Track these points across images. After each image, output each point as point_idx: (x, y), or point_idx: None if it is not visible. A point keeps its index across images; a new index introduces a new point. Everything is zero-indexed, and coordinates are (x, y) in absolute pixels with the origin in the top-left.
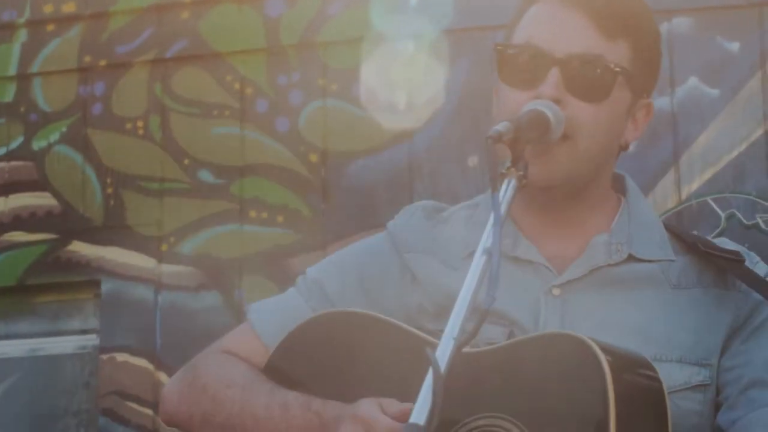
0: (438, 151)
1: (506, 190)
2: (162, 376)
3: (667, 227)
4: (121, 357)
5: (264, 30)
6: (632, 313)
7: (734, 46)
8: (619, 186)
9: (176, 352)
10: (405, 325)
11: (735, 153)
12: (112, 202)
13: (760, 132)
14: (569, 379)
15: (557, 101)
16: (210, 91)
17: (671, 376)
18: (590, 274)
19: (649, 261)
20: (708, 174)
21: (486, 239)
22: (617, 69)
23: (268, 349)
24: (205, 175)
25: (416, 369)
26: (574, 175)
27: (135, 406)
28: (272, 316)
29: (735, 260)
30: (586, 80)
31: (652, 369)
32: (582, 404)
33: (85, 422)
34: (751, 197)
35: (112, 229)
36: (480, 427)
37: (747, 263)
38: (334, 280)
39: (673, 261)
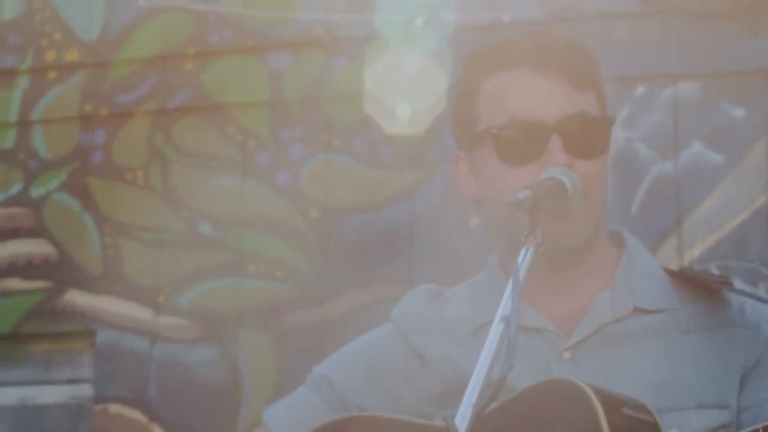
0: (439, 210)
1: (524, 257)
2: (155, 428)
3: (669, 272)
4: (114, 408)
5: (267, 83)
6: (644, 366)
7: (739, 112)
8: (617, 240)
9: (171, 404)
10: (415, 419)
11: (738, 220)
12: (109, 252)
13: (764, 199)
14: (567, 422)
15: (569, 167)
16: (211, 143)
17: (692, 423)
18: (598, 332)
19: (656, 311)
20: (711, 240)
21: (504, 307)
22: (610, 119)
23: None
24: (205, 227)
25: None
26: (594, 230)
27: None
28: (286, 414)
29: (724, 282)
30: (586, 140)
31: (646, 410)
32: None
33: None
34: (753, 265)
35: (109, 278)
36: None
37: (734, 283)
38: (341, 372)
39: (678, 309)
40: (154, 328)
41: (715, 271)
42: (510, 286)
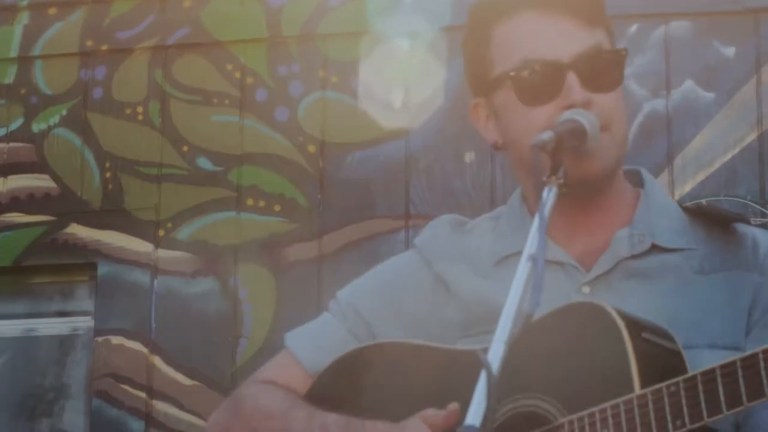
0: (434, 147)
1: (548, 197)
2: (156, 360)
3: (687, 210)
4: (116, 340)
5: (265, 20)
6: (659, 303)
7: (730, 51)
8: (636, 179)
9: (171, 336)
10: (443, 345)
11: (728, 156)
12: (110, 186)
13: (753, 136)
14: (590, 344)
15: (586, 103)
16: (210, 79)
17: (704, 361)
18: (616, 267)
19: (672, 250)
20: (701, 176)
21: (530, 245)
22: (623, 52)
23: (310, 375)
24: (204, 162)
25: (461, 385)
26: (618, 162)
27: (129, 388)
28: (311, 342)
29: (742, 219)
30: (601, 73)
31: (670, 336)
32: (605, 365)
33: (78, 403)
34: (744, 200)
35: (110, 213)
36: (516, 409)
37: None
38: (365, 300)
39: (694, 249)
40: (154, 261)
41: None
42: (535, 225)
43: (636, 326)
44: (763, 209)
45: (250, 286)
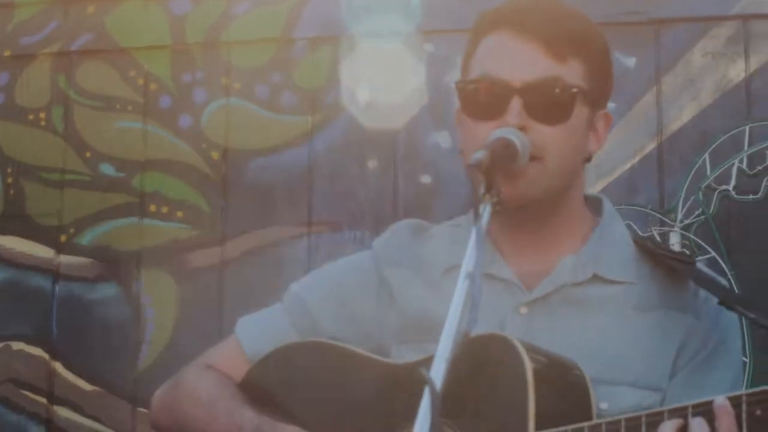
0: (338, 153)
1: (484, 214)
2: (57, 366)
3: (639, 245)
4: (16, 345)
5: (169, 27)
6: (591, 333)
7: (631, 61)
8: (596, 207)
9: (72, 341)
10: (382, 358)
11: (628, 165)
12: (12, 192)
13: (653, 146)
14: (496, 379)
15: (522, 128)
16: (114, 86)
17: (624, 399)
18: (556, 292)
19: (613, 282)
20: (601, 185)
21: (468, 263)
22: (575, 90)
23: (250, 362)
24: (107, 168)
25: (392, 400)
26: (545, 194)
27: (29, 394)
28: (256, 330)
29: (687, 262)
30: (546, 105)
31: (580, 373)
32: (505, 402)
33: None
34: (644, 209)
35: (12, 218)
36: None
37: (698, 265)
38: (313, 294)
39: (635, 284)
40: (56, 266)
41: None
42: (472, 241)
43: (543, 365)
44: (663, 218)
45: (153, 292)
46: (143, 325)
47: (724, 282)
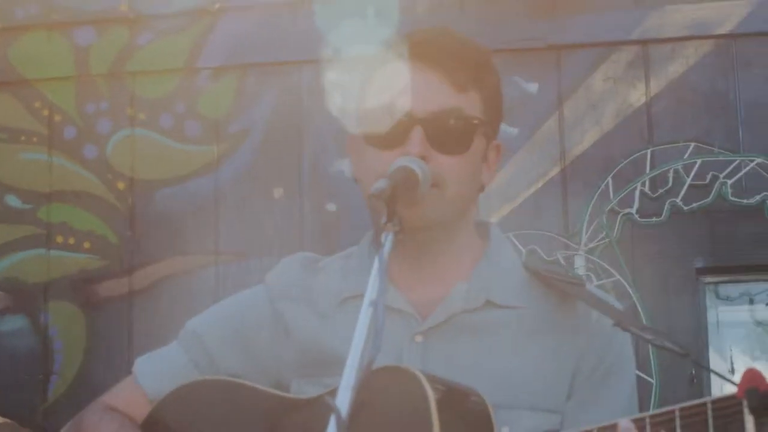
0: (243, 182)
1: (386, 243)
2: None
3: (528, 270)
4: None
5: (74, 58)
6: (487, 359)
7: (533, 87)
8: (483, 233)
9: None
10: (285, 394)
11: (532, 190)
12: None
13: (556, 170)
14: (399, 410)
15: (423, 158)
16: (18, 118)
17: (523, 422)
18: (450, 320)
19: (506, 307)
20: (506, 209)
21: (371, 291)
22: (476, 121)
23: (150, 401)
24: (12, 200)
25: None
26: (442, 220)
27: None
28: (154, 369)
29: (576, 284)
30: (448, 135)
31: (482, 401)
32: (409, 428)
33: None
34: (549, 233)
35: None
36: None
37: (589, 287)
38: (211, 332)
39: (527, 308)
40: None
41: (516, 242)
42: (374, 270)
43: (445, 395)
44: (567, 242)
45: (60, 323)
46: (52, 357)
47: (616, 303)
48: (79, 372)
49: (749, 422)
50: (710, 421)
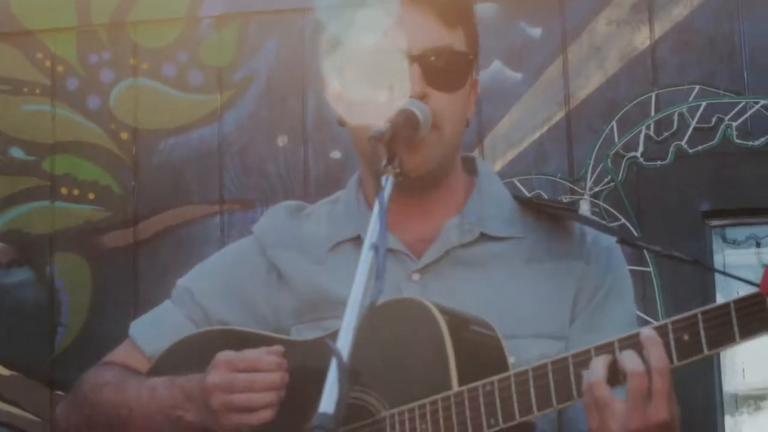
0: (247, 130)
1: (386, 185)
2: None
3: (518, 199)
4: None
5: (75, 8)
6: (486, 292)
7: (536, 32)
8: (470, 167)
9: None
10: (280, 335)
11: (537, 135)
12: None
13: (560, 115)
14: (412, 341)
15: (422, 96)
16: (21, 69)
17: (528, 350)
18: (445, 255)
19: (501, 238)
20: (511, 155)
21: (371, 234)
22: (471, 56)
23: (149, 359)
24: (16, 152)
25: (302, 375)
26: (443, 162)
27: None
28: (150, 327)
29: (569, 209)
30: (445, 72)
31: (489, 326)
32: (426, 362)
33: None
34: (554, 178)
35: None
36: None
37: (580, 211)
38: (203, 286)
39: (523, 238)
40: None
41: (520, 186)
42: (375, 212)
43: (456, 322)
44: (572, 186)
45: (66, 275)
46: (58, 308)
47: (609, 223)
48: (86, 323)
49: None
50: (734, 321)
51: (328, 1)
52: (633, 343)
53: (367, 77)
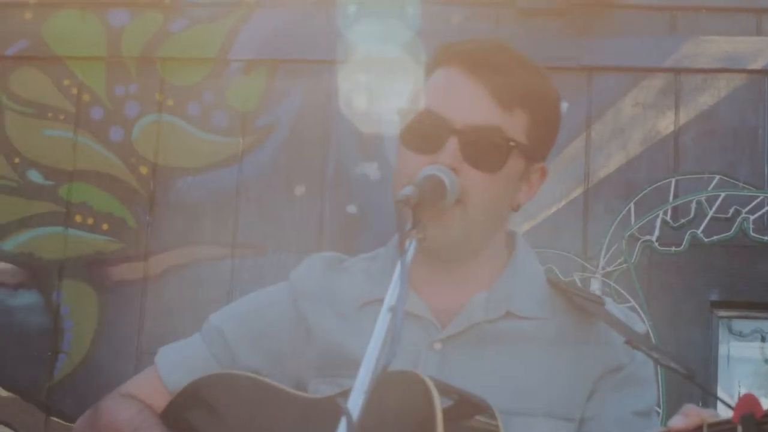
0: (266, 177)
1: (409, 249)
2: None
3: (550, 282)
4: None
5: (106, 39)
6: (506, 369)
7: (563, 106)
8: (510, 242)
9: None
10: (299, 393)
11: (554, 209)
12: None
13: (579, 191)
14: (404, 415)
15: (454, 169)
16: (47, 94)
17: (538, 429)
18: (469, 329)
19: (527, 318)
20: (526, 227)
21: (390, 296)
22: (512, 143)
23: (170, 393)
24: (35, 176)
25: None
26: (466, 239)
27: None
28: (176, 361)
29: (596, 302)
30: (482, 151)
31: (492, 416)
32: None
33: None
34: (567, 254)
35: None
36: None
37: (607, 306)
38: (233, 328)
39: (549, 319)
40: None
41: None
42: (396, 275)
43: (455, 408)
44: (585, 263)
45: (73, 303)
46: (61, 335)
47: (638, 323)
48: (88, 353)
49: None
50: None
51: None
52: None
53: (412, 137)
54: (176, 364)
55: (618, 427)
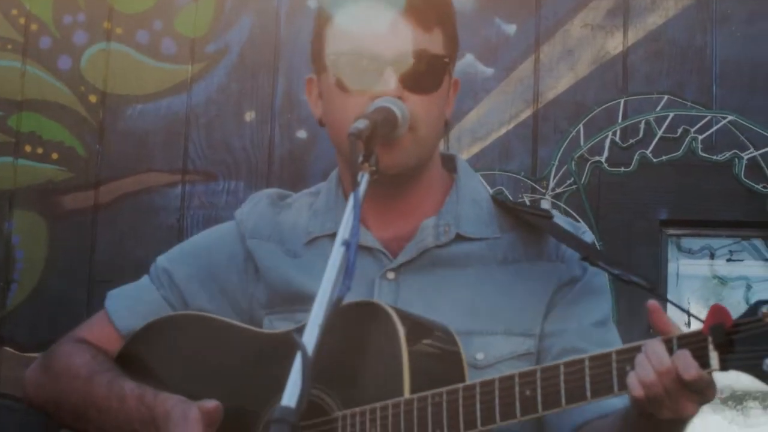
0: (215, 103)
1: (361, 182)
2: None
3: (496, 201)
4: None
5: None
6: (461, 291)
7: (511, 29)
8: (450, 165)
9: None
10: (255, 329)
11: (503, 131)
12: None
13: (528, 113)
14: (371, 345)
15: (399, 98)
16: None
17: (498, 347)
18: (421, 256)
19: (477, 239)
20: (476, 149)
21: (344, 230)
22: (446, 60)
23: (122, 336)
24: None
25: (267, 367)
26: (418, 162)
27: None
28: (126, 303)
29: (544, 216)
30: (419, 76)
31: (452, 338)
32: (381, 367)
33: None
34: (516, 175)
35: None
36: None
37: (555, 220)
38: (182, 268)
39: (498, 238)
40: None
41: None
42: (348, 208)
43: (416, 332)
44: (534, 185)
45: (23, 232)
46: (13, 265)
47: (587, 232)
48: (39, 282)
49: (714, 358)
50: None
51: None
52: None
53: (347, 78)
54: (127, 309)
55: (579, 339)
